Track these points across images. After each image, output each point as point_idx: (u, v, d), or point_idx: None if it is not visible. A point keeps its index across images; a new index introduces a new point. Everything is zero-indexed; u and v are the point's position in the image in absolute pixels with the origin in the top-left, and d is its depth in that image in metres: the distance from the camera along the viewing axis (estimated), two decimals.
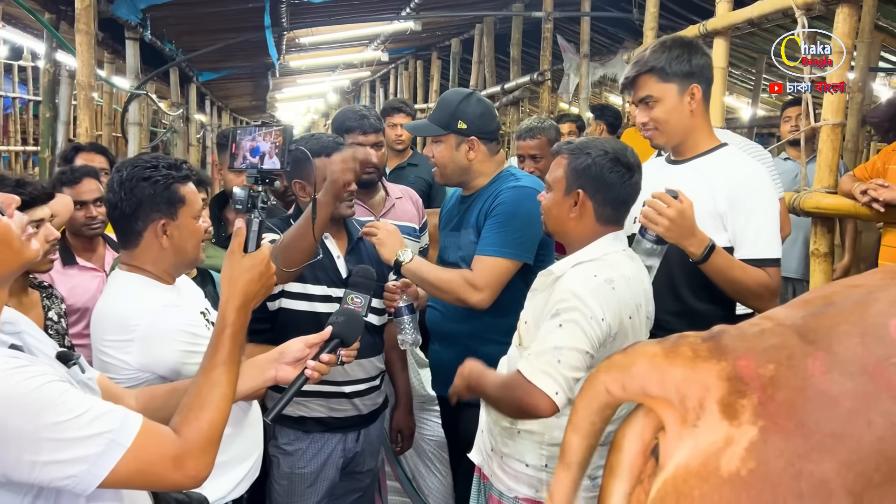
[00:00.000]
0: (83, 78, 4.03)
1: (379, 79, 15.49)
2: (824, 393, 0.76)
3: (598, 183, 1.72)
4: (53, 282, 2.41)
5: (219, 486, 1.77)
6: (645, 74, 2.02)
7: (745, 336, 0.85)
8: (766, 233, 1.96)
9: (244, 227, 1.39)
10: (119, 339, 1.64)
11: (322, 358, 1.53)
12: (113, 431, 1.07)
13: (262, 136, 1.48)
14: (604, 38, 8.80)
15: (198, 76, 10.68)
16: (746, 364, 0.81)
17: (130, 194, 1.67)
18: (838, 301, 0.85)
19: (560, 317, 1.59)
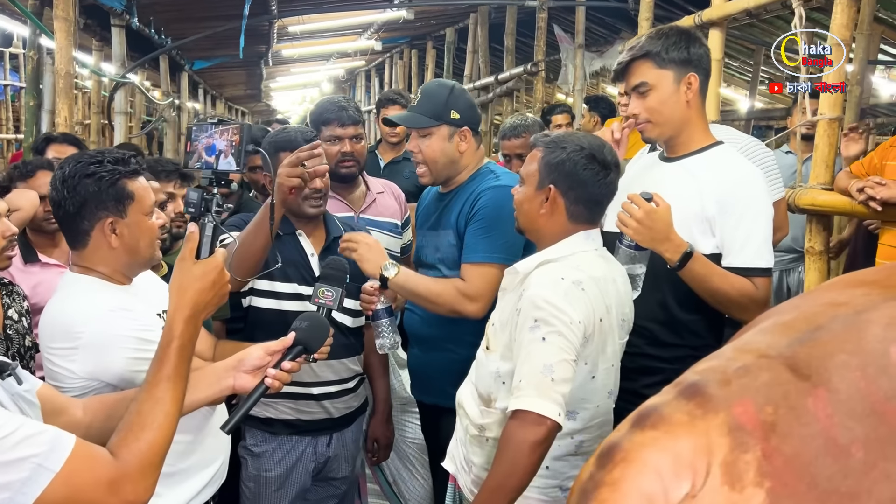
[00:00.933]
0: (61, 66, 3.93)
1: (374, 68, 15.36)
2: (833, 441, 0.65)
3: (570, 179, 1.65)
4: (14, 279, 2.32)
5: (180, 494, 1.69)
6: (640, 59, 1.91)
7: (730, 378, 0.72)
8: (755, 240, 1.84)
9: (197, 233, 1.29)
10: (64, 346, 1.54)
11: (284, 366, 1.44)
12: (40, 455, 0.99)
13: (219, 134, 1.39)
14: (601, 29, 8.70)
15: (190, 64, 10.56)
16: (745, 410, 0.69)
17: (73, 192, 1.57)
18: (825, 324, 0.74)
19: (541, 329, 1.52)
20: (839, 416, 0.66)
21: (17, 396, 1.16)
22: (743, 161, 1.98)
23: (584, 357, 1.58)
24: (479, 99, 8.37)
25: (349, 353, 2.25)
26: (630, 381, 1.99)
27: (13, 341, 1.98)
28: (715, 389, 0.71)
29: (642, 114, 1.93)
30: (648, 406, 0.73)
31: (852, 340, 0.71)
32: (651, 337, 1.94)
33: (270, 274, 2.09)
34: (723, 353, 0.77)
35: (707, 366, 0.76)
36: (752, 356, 0.73)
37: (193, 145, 1.42)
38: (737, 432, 0.67)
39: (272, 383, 1.42)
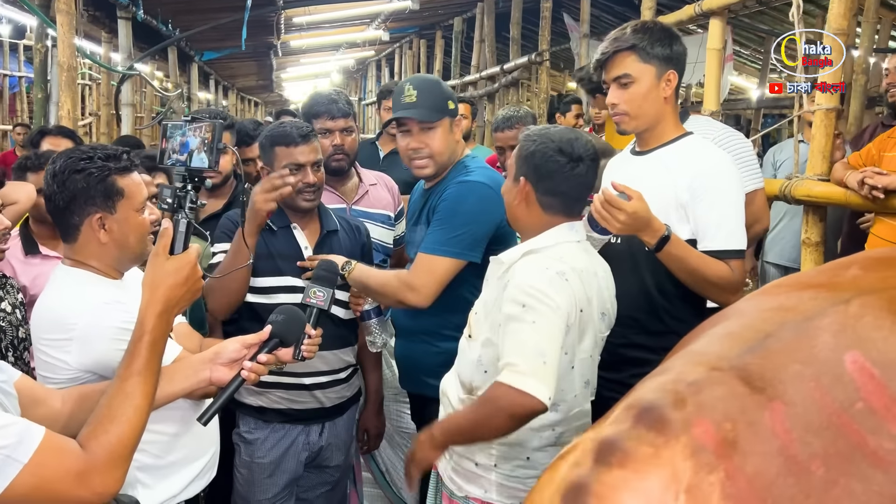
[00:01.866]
0: (64, 59, 3.97)
1: (384, 58, 15.35)
2: (793, 459, 0.64)
3: (539, 172, 1.67)
4: (15, 271, 2.36)
5: (170, 486, 1.72)
6: (625, 52, 1.92)
7: (684, 396, 0.70)
8: (728, 224, 1.87)
9: (171, 228, 1.30)
10: (57, 337, 1.57)
11: (260, 359, 1.45)
12: (9, 447, 1.01)
13: (192, 132, 1.38)
14: (610, 17, 8.65)
15: (199, 55, 10.60)
16: (705, 429, 0.66)
17: (63, 187, 1.58)
18: (774, 332, 0.73)
19: (531, 313, 1.54)
20: (797, 431, 0.65)
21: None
22: (712, 149, 2.01)
23: (565, 347, 1.59)
24: (486, 89, 8.36)
25: (342, 345, 2.28)
26: (616, 371, 2.01)
27: (6, 333, 2.02)
28: (672, 412, 0.68)
29: (621, 105, 1.95)
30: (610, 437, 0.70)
31: (804, 349, 0.70)
32: (637, 326, 1.97)
33: (259, 271, 2.13)
34: (672, 367, 0.75)
35: (658, 383, 0.73)
36: (704, 369, 0.71)
37: (168, 143, 1.41)
38: (700, 454, 0.65)
39: (248, 376, 1.43)
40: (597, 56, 2.01)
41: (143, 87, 10.17)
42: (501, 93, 8.18)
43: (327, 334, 2.19)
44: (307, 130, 2.17)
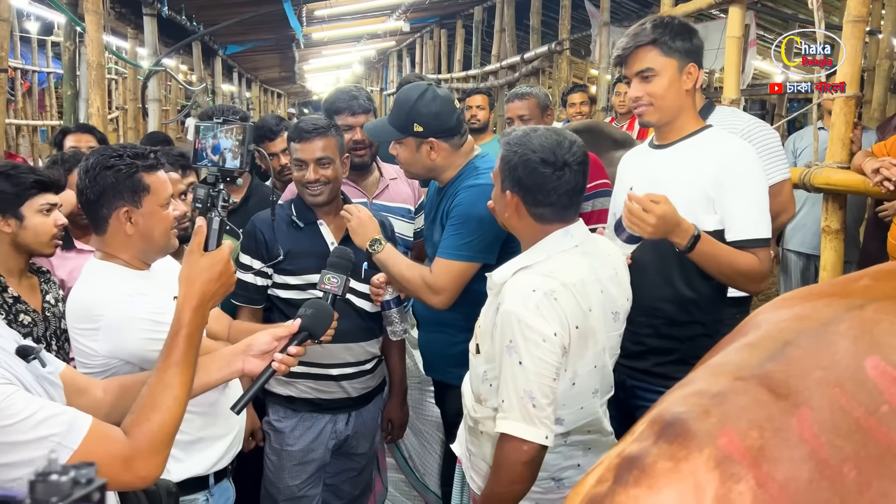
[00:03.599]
0: (93, 58, 4.06)
1: (406, 48, 15.37)
2: (824, 463, 0.64)
3: (525, 184, 1.62)
4: (52, 266, 2.45)
5: (199, 461, 1.84)
6: (647, 46, 1.96)
7: (708, 407, 0.70)
8: (753, 213, 1.91)
9: (204, 226, 1.36)
10: (87, 326, 1.68)
11: (290, 351, 1.50)
12: (60, 434, 1.07)
13: (224, 134, 1.45)
14: (631, 3, 8.58)
15: (223, 49, 10.71)
16: (729, 440, 0.66)
17: (94, 182, 1.70)
18: (793, 340, 0.73)
19: (517, 352, 1.52)
20: (826, 436, 0.65)
21: (41, 378, 1.24)
22: (734, 139, 2.04)
23: (564, 365, 1.57)
24: (507, 78, 8.36)
25: (368, 337, 2.35)
26: (641, 359, 2.06)
27: (50, 323, 2.13)
28: (696, 424, 0.68)
29: (644, 98, 1.98)
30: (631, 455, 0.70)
31: (824, 355, 0.70)
32: (662, 316, 2.02)
33: (289, 269, 2.21)
34: (695, 379, 0.75)
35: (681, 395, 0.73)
36: (727, 379, 0.71)
37: (201, 143, 1.48)
38: (725, 464, 0.65)
39: (279, 367, 1.48)
40: (617, 52, 2.05)
41: (167, 82, 10.32)
42: (522, 82, 8.17)
43: (353, 326, 2.28)
44: (315, 127, 2.22)
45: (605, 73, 6.58)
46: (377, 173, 2.77)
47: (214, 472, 1.89)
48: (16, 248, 2.05)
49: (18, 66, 10.81)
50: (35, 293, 2.15)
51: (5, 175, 2.02)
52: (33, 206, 2.03)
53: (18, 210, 2.01)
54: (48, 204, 2.06)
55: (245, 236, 2.31)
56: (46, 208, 2.05)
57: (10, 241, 2.04)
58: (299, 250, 2.23)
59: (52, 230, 2.06)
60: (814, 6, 2.98)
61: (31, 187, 2.02)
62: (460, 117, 2.21)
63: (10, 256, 2.06)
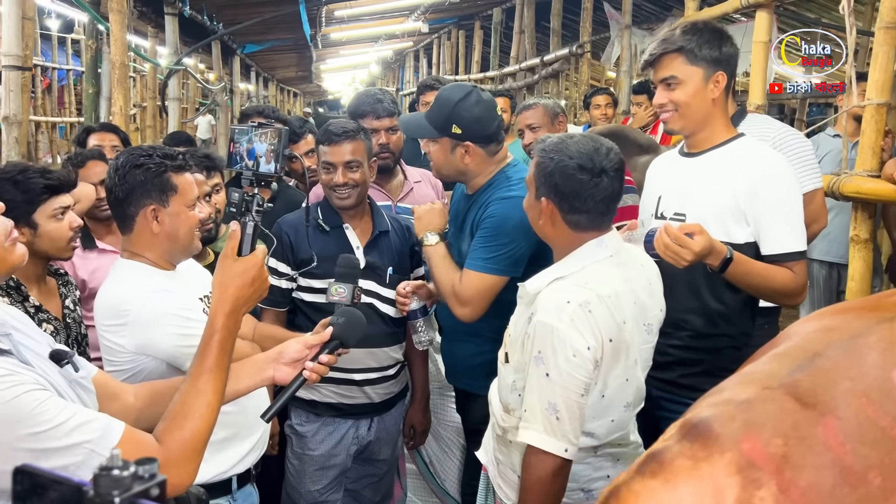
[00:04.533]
0: (116, 57, 4.08)
1: (423, 49, 15.37)
2: (849, 469, 0.65)
3: (561, 191, 1.59)
4: (75, 266, 2.45)
5: (223, 460, 1.84)
6: (672, 53, 1.93)
7: (734, 414, 0.71)
8: (788, 226, 1.88)
9: (238, 231, 1.35)
10: (114, 323, 1.69)
11: (321, 359, 1.49)
12: (92, 441, 1.06)
13: (259, 138, 1.43)
14: (652, 6, 8.53)
15: (241, 49, 10.75)
16: (752, 446, 0.67)
17: (123, 180, 1.71)
18: (822, 351, 0.74)
19: (545, 363, 1.51)
20: (851, 444, 0.66)
21: (74, 383, 1.24)
22: (767, 150, 2.01)
23: (594, 378, 1.55)
24: (525, 81, 8.33)
25: (392, 342, 2.33)
26: (667, 370, 2.03)
27: (71, 329, 2.11)
28: (720, 427, 0.69)
29: (668, 104, 1.96)
30: (654, 450, 0.72)
31: (853, 366, 0.71)
32: (688, 328, 1.99)
33: (314, 273, 2.20)
34: (726, 387, 0.76)
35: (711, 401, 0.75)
36: (755, 388, 0.73)
37: (236, 147, 1.47)
38: (747, 470, 0.66)
39: (310, 375, 1.47)
40: (645, 57, 2.02)
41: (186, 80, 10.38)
42: (541, 84, 8.15)
43: (378, 332, 2.26)
44: (344, 131, 2.21)
45: (625, 77, 6.55)
46: (401, 176, 2.76)
47: (238, 476, 1.89)
48: (32, 255, 1.99)
49: (39, 63, 10.89)
50: (54, 298, 2.13)
51: (14, 181, 1.93)
52: (46, 212, 1.96)
53: (31, 218, 1.94)
54: (62, 207, 1.99)
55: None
56: (60, 212, 1.99)
57: None
58: (325, 254, 2.21)
59: (67, 234, 2.00)
60: (845, 12, 2.94)
61: (42, 193, 1.95)
62: (500, 124, 2.17)
63: (28, 264, 1.99)
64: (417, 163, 3.22)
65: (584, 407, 1.53)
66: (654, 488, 0.69)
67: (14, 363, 1.09)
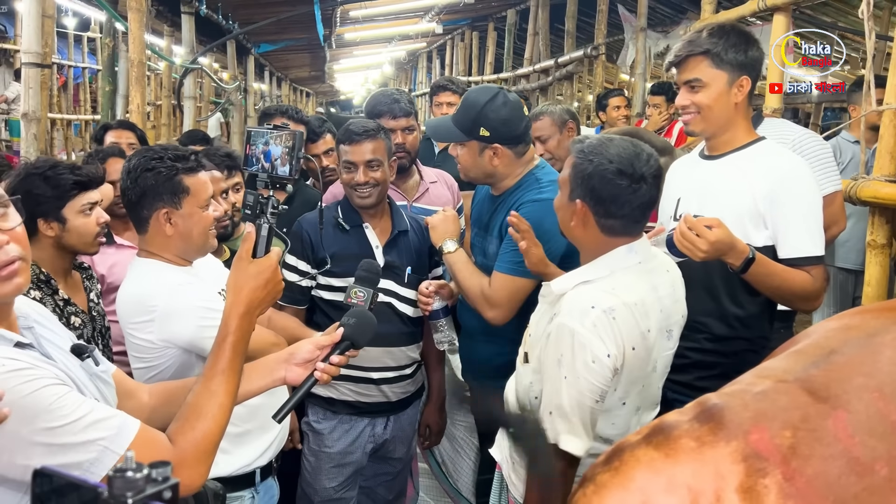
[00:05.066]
0: (134, 55, 4.11)
1: (435, 50, 15.38)
2: (856, 460, 0.67)
3: (598, 195, 1.56)
4: (93, 261, 2.47)
5: (245, 453, 1.87)
6: (698, 56, 1.93)
7: (747, 403, 0.73)
8: (807, 230, 1.87)
9: (253, 233, 1.35)
10: (141, 319, 1.72)
11: (332, 360, 1.49)
12: (107, 439, 1.07)
13: (274, 140, 1.44)
14: (666, 9, 8.50)
15: (255, 48, 10.80)
16: (760, 437, 0.69)
17: (135, 184, 1.75)
18: (839, 349, 0.76)
19: (563, 366, 1.50)
20: (860, 436, 0.68)
21: (94, 377, 1.25)
22: (788, 154, 2.00)
23: (615, 384, 1.54)
24: (539, 82, 8.32)
25: (409, 342, 2.35)
26: (684, 373, 2.02)
27: (96, 322, 2.13)
28: (732, 415, 0.72)
29: (691, 106, 1.96)
30: (665, 422, 0.75)
31: (868, 363, 0.73)
32: (705, 331, 1.98)
33: (335, 272, 2.23)
34: (744, 379, 0.79)
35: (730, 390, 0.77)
36: (771, 381, 0.75)
37: (252, 149, 1.47)
38: (752, 459, 0.68)
39: (321, 376, 1.47)
40: (669, 57, 2.02)
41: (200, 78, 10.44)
42: (554, 86, 8.14)
43: (395, 331, 2.29)
44: (365, 130, 2.22)
45: (640, 80, 6.53)
46: (417, 176, 2.78)
47: (260, 469, 1.92)
48: (60, 249, 2.02)
49: (55, 61, 10.97)
50: (80, 291, 2.16)
51: (44, 177, 1.96)
52: (75, 208, 1.99)
53: (60, 213, 1.98)
54: (90, 203, 2.03)
55: (291, 237, 2.31)
56: (88, 207, 2.02)
57: (54, 244, 2.00)
58: (344, 253, 2.24)
59: (94, 229, 2.03)
60: (864, 16, 2.92)
61: (71, 188, 1.98)
62: (528, 125, 2.18)
63: (56, 258, 2.03)
64: (431, 163, 3.24)
65: (597, 413, 1.52)
66: (655, 458, 0.72)
67: (35, 356, 1.10)
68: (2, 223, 1.10)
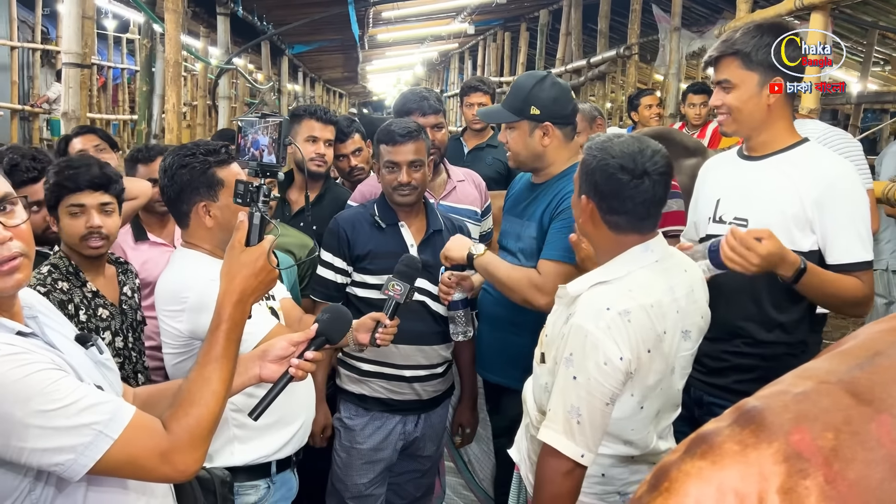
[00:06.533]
0: (171, 56, 4.18)
1: (468, 50, 15.39)
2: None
3: (600, 190, 1.55)
4: (126, 257, 2.52)
5: (261, 446, 1.88)
6: (729, 57, 1.89)
7: (788, 404, 0.72)
8: (856, 236, 1.83)
9: (246, 221, 1.35)
10: (173, 308, 1.78)
11: (306, 356, 1.48)
12: (101, 423, 1.07)
13: (262, 130, 1.45)
14: (702, 8, 8.40)
15: (289, 49, 10.92)
16: (801, 438, 0.68)
17: (172, 181, 1.82)
18: (884, 350, 0.74)
19: (574, 366, 1.48)
20: None
21: (99, 364, 1.28)
22: (834, 157, 1.95)
23: (631, 389, 1.52)
24: (571, 82, 8.28)
25: (441, 340, 2.35)
26: (721, 376, 2.00)
27: (127, 315, 2.18)
28: (772, 416, 0.71)
29: (722, 107, 1.93)
30: (704, 431, 0.73)
31: None
32: (745, 335, 1.95)
33: (369, 269, 2.26)
34: (784, 380, 0.77)
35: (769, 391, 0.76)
36: (813, 382, 0.74)
37: (243, 139, 1.48)
38: (794, 460, 0.67)
39: (296, 372, 1.45)
40: (705, 58, 2.00)
41: (235, 79, 10.59)
42: (587, 86, 8.10)
43: (427, 329, 2.30)
44: (409, 131, 2.25)
45: (674, 80, 6.46)
46: (445, 175, 2.78)
47: (277, 461, 1.92)
48: None
49: (95, 62, 11.23)
50: (112, 284, 2.19)
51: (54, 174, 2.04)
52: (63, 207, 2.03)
53: (56, 211, 2.04)
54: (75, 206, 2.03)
55: (327, 234, 2.35)
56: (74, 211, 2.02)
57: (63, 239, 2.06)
58: (380, 250, 2.26)
59: (80, 231, 2.02)
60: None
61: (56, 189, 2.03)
62: (575, 108, 2.22)
63: (74, 251, 2.08)
64: (461, 163, 3.24)
65: (607, 416, 1.50)
66: (703, 468, 0.70)
67: (36, 344, 1.12)
68: (7, 220, 1.12)
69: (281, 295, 2.05)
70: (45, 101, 10.46)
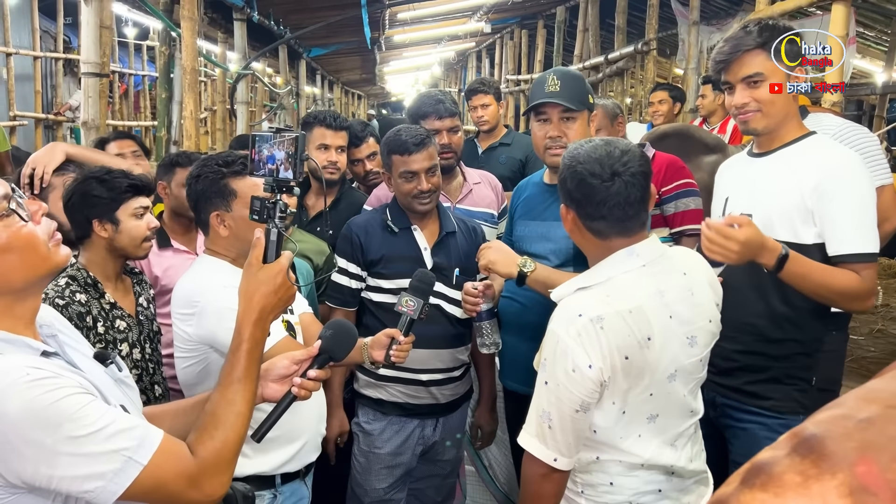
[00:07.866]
0: (187, 63, 4.21)
1: (485, 49, 15.35)
2: None
3: (574, 197, 1.54)
4: (150, 263, 2.54)
5: (265, 460, 1.87)
6: (755, 50, 1.87)
7: (851, 432, 0.66)
8: (857, 226, 1.78)
9: (263, 239, 1.33)
10: (185, 311, 1.81)
11: (309, 374, 1.43)
12: (131, 449, 1.06)
13: (277, 145, 1.41)
14: (721, 1, 8.30)
15: (307, 52, 10.96)
16: (868, 469, 0.62)
17: (191, 189, 1.90)
18: None
19: (546, 371, 1.48)
20: None
21: (119, 382, 1.27)
22: (838, 147, 1.92)
23: (611, 397, 1.48)
24: (590, 79, 8.22)
25: (458, 344, 2.34)
26: (732, 377, 1.97)
27: (143, 326, 2.19)
28: (834, 445, 0.64)
29: (752, 103, 1.88)
30: (761, 461, 0.67)
31: None
32: (755, 333, 1.92)
33: (383, 273, 2.25)
34: (845, 402, 0.70)
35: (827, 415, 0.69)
36: (878, 406, 0.67)
37: (257, 153, 1.44)
38: (859, 493, 0.61)
39: (298, 392, 1.41)
40: (718, 57, 1.95)
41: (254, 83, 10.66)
42: (605, 82, 8.03)
43: (444, 333, 2.28)
44: (421, 138, 2.23)
45: (693, 74, 6.38)
46: (461, 178, 2.76)
47: (281, 474, 1.91)
48: (111, 251, 2.11)
49: (116, 70, 11.37)
50: (129, 296, 2.21)
51: (100, 180, 2.07)
52: (128, 210, 2.08)
53: (114, 215, 2.06)
54: (141, 207, 2.11)
55: (341, 240, 2.35)
56: (140, 212, 2.10)
57: (107, 246, 2.08)
58: (394, 254, 2.25)
59: (144, 233, 2.12)
60: None
61: (125, 191, 2.08)
62: None
63: (107, 261, 2.11)
64: (475, 164, 3.22)
65: (578, 422, 1.47)
66: (765, 500, 0.64)
67: (61, 365, 1.11)
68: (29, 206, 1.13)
69: (301, 309, 2.04)
70: (67, 108, 10.59)
